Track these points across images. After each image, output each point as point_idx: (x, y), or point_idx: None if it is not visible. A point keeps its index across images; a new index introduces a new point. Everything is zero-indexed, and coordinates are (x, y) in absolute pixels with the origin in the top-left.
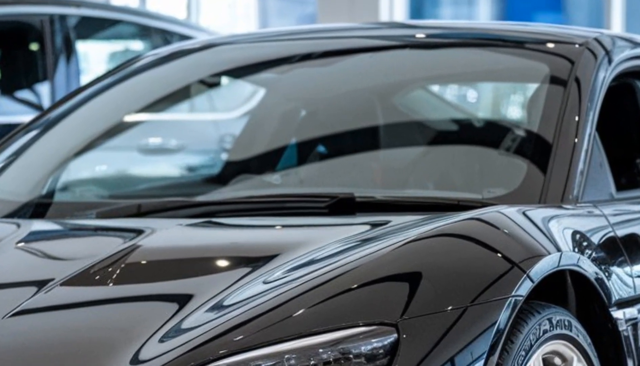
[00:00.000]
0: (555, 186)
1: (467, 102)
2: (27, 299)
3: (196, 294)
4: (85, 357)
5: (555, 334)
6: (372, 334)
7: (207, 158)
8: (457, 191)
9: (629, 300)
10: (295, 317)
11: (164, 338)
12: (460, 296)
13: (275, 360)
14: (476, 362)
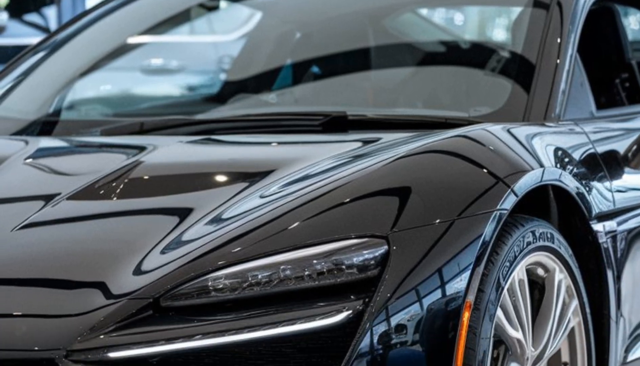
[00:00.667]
0: (538, 105)
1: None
2: (34, 212)
3: (196, 208)
4: (90, 268)
5: (538, 246)
6: (364, 246)
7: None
8: (445, 110)
9: (609, 213)
10: (290, 230)
11: (165, 250)
12: (447, 210)
13: (271, 270)
14: (463, 273)
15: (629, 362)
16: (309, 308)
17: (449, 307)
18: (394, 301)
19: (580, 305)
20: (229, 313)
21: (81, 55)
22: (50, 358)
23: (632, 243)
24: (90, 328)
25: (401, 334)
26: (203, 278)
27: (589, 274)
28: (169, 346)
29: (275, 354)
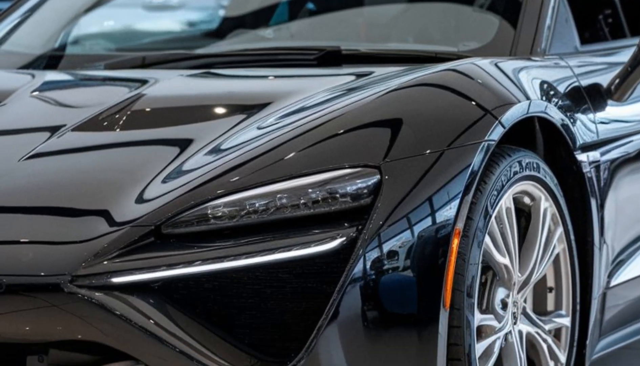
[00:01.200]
0: (524, 40)
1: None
2: (40, 143)
3: (196, 139)
4: (94, 196)
5: (525, 175)
6: (357, 175)
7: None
8: (435, 45)
9: (592, 144)
10: (287, 160)
11: (166, 179)
12: (437, 141)
13: (268, 199)
14: (452, 201)
15: (611, 287)
16: (304, 235)
17: (439, 234)
18: (386, 229)
19: (565, 232)
20: (228, 240)
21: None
22: (56, 283)
23: (614, 172)
24: (94, 254)
25: (393, 260)
26: (202, 206)
27: (574, 203)
28: (169, 272)
29: (272, 279)
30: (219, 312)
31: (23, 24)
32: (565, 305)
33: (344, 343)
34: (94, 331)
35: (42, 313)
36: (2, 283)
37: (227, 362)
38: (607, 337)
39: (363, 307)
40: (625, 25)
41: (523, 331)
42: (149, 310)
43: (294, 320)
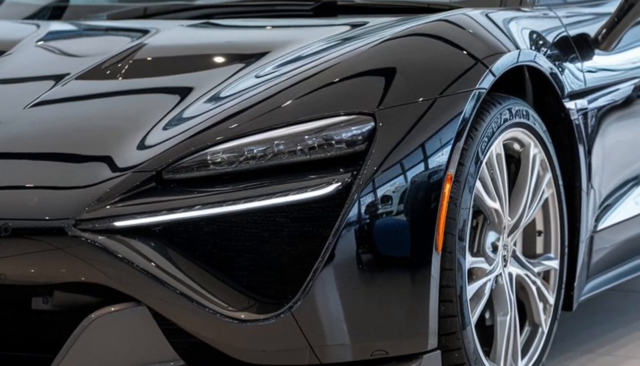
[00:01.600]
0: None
1: None
2: (45, 91)
3: (196, 87)
4: (97, 143)
5: (515, 122)
6: (352, 122)
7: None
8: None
9: (580, 92)
10: (284, 107)
11: (167, 126)
12: (430, 89)
13: (266, 145)
14: (444, 147)
15: (599, 231)
16: (300, 181)
17: (432, 179)
18: (380, 174)
19: (553, 177)
20: (227, 185)
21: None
22: (60, 226)
23: (601, 119)
24: (97, 199)
25: (387, 204)
26: (202, 152)
27: (562, 149)
28: (170, 216)
29: (270, 223)
30: (218, 255)
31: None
32: (554, 248)
33: (339, 285)
34: (97, 273)
35: (46, 256)
36: (8, 227)
37: (225, 303)
38: (594, 279)
39: (358, 250)
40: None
41: (513, 274)
42: (151, 253)
43: (290, 262)
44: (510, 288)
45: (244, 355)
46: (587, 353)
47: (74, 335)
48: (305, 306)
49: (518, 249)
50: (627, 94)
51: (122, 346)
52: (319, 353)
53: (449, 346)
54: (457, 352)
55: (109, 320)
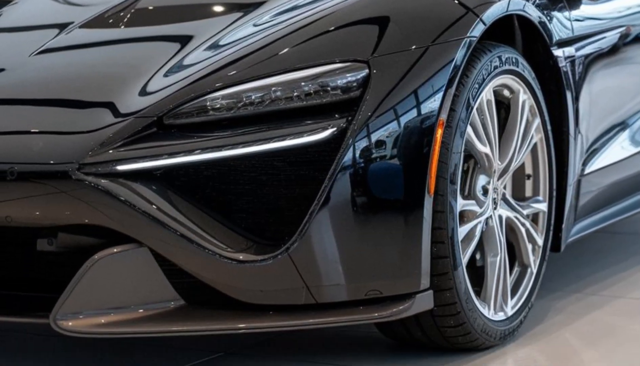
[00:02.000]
0: None
1: None
2: (50, 39)
3: (196, 35)
4: (100, 89)
5: (504, 69)
6: (347, 69)
7: None
8: None
9: (568, 40)
10: (281, 55)
11: (167, 73)
12: (422, 37)
13: (264, 91)
14: (436, 94)
15: (586, 174)
16: (297, 126)
17: (424, 125)
18: (374, 120)
19: (542, 122)
20: (226, 130)
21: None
22: (64, 170)
23: (588, 67)
24: (100, 144)
25: (381, 149)
26: (202, 99)
27: (550, 96)
28: (171, 160)
29: (267, 167)
30: (217, 198)
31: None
32: (543, 191)
33: (334, 227)
34: (100, 215)
35: (51, 199)
36: (14, 171)
37: (224, 245)
38: (581, 221)
39: (352, 193)
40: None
41: (503, 216)
42: (152, 196)
43: (287, 205)
44: (500, 230)
45: (242, 295)
46: (575, 292)
47: (77, 275)
48: (301, 247)
49: (508, 193)
50: (613, 42)
51: (124, 286)
52: (314, 293)
53: (440, 286)
54: (448, 292)
55: (111, 260)
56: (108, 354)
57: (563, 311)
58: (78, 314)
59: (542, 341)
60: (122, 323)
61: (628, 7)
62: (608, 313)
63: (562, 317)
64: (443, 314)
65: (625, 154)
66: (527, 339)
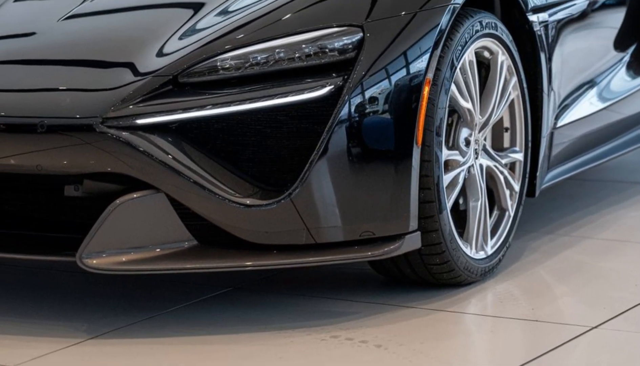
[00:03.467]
0: None
1: None
2: (76, 6)
3: (207, 2)
4: (122, 51)
5: (485, 33)
6: (343, 33)
7: None
8: None
9: (542, 7)
10: (284, 20)
11: (182, 36)
12: (411, 4)
13: (268, 53)
14: (423, 55)
15: (558, 127)
16: (298, 84)
17: (412, 83)
18: (367, 78)
19: (518, 80)
20: (234, 88)
21: None
22: (89, 124)
23: (560, 30)
24: (121, 100)
25: (373, 105)
26: (213, 59)
27: (526, 57)
28: (185, 115)
29: (272, 121)
30: (226, 149)
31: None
32: (519, 142)
33: (332, 174)
34: (121, 164)
35: (77, 150)
36: (44, 124)
37: (233, 190)
38: (554, 170)
39: (348, 144)
40: None
41: (483, 165)
42: (168, 147)
43: (289, 155)
44: (481, 177)
45: (249, 236)
46: (548, 234)
47: (101, 217)
48: (302, 193)
49: (488, 144)
50: (582, 8)
51: (143, 228)
52: (314, 234)
53: (427, 228)
54: (434, 233)
55: (131, 205)
56: (129, 289)
57: (537, 250)
58: (101, 253)
59: (518, 277)
60: (141, 261)
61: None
62: (578, 252)
63: (536, 256)
64: (430, 253)
65: (593, 109)
66: (505, 275)
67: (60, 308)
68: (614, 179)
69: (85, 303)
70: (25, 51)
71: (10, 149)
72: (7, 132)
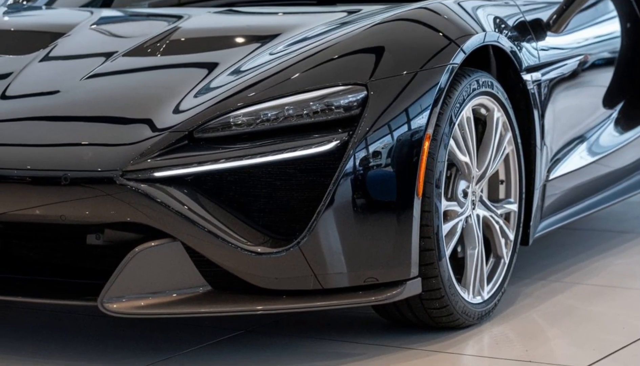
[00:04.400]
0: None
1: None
2: (98, 66)
3: (221, 62)
4: (141, 108)
5: (481, 91)
6: (349, 91)
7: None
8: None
9: (535, 67)
10: (293, 79)
11: (197, 94)
12: (412, 64)
13: (278, 110)
14: (424, 112)
15: (550, 180)
16: (306, 139)
17: (413, 138)
18: (371, 134)
19: (513, 136)
20: (246, 143)
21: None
22: (110, 176)
23: (552, 89)
24: (140, 154)
25: (377, 158)
26: (226, 116)
27: (520, 113)
28: (200, 168)
29: (281, 174)
30: (238, 200)
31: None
32: (514, 193)
33: (338, 224)
34: (139, 214)
35: (98, 201)
36: (68, 176)
37: (245, 239)
38: (546, 219)
39: (353, 196)
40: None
41: (480, 215)
42: (184, 198)
43: (298, 205)
44: (478, 227)
45: (260, 282)
46: (541, 279)
47: (121, 264)
48: (310, 241)
49: (484, 195)
50: (573, 68)
51: (161, 274)
52: (321, 280)
53: (427, 274)
54: (434, 279)
55: (149, 252)
56: (147, 331)
57: (531, 295)
58: (121, 297)
59: (513, 320)
60: (158, 306)
61: (585, 39)
62: (568, 297)
63: (530, 300)
64: (430, 298)
65: (583, 163)
66: (500, 319)
67: (82, 350)
68: (603, 228)
69: (106, 345)
70: (50, 108)
71: (36, 200)
72: (33, 185)
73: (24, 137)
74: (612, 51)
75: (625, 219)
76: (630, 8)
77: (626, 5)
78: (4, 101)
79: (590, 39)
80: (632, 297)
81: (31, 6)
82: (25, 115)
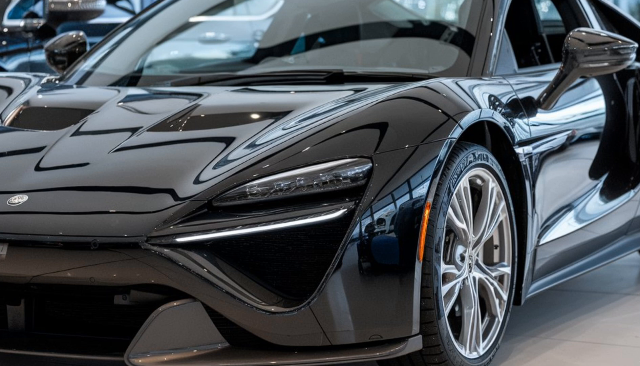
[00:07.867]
0: (477, 65)
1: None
2: (124, 140)
3: (237, 136)
4: (164, 179)
5: (477, 163)
6: (355, 163)
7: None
8: (412, 68)
9: (526, 141)
10: (304, 152)
11: (216, 166)
12: (413, 138)
13: (290, 180)
14: (424, 182)
15: (541, 245)
16: (316, 207)
17: (415, 206)
18: (376, 202)
19: (506, 204)
20: (261, 211)
21: (157, 29)
22: (135, 242)
23: (543, 161)
24: (163, 221)
25: (381, 225)
26: (242, 186)
27: (513, 183)
28: (218, 234)
29: (293, 239)
30: (254, 263)
31: (111, 53)
32: (507, 257)
33: (345, 285)
34: (163, 277)
35: (125, 264)
36: (96, 242)
37: (260, 299)
38: (537, 281)
39: (359, 259)
40: (550, 54)
41: (476, 277)
42: (203, 262)
43: (309, 268)
44: (474, 288)
45: (274, 338)
46: (532, 336)
47: (146, 323)
48: (319, 301)
49: (480, 259)
50: (561, 142)
51: (182, 332)
52: (330, 337)
53: (427, 331)
54: (434, 336)
55: (172, 312)
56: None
57: (522, 351)
58: (146, 353)
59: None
60: (180, 361)
61: (573, 115)
62: (558, 352)
63: (521, 356)
64: (430, 353)
65: (571, 229)
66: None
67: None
68: (589, 289)
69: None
70: (81, 179)
71: (67, 263)
72: (64, 249)
73: (56, 206)
74: (597, 126)
75: (609, 281)
76: (614, 86)
77: (610, 84)
78: (39, 172)
79: (578, 115)
80: (615, 353)
81: (63, 85)
82: (58, 185)
